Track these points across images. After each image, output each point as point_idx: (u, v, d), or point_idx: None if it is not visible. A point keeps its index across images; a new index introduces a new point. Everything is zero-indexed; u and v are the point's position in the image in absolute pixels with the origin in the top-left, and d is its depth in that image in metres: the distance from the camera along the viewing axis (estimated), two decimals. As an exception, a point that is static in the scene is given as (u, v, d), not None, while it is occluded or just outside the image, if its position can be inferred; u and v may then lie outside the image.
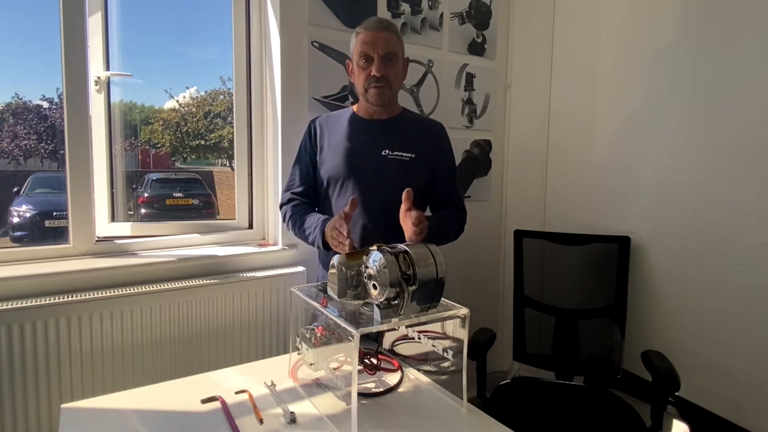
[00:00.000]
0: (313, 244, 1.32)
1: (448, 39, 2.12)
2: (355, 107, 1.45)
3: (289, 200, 1.44)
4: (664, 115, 1.69)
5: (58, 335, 1.35)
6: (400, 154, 1.37)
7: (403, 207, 1.14)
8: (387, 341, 1.20)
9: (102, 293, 1.41)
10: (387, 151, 1.36)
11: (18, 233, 3.58)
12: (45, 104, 4.11)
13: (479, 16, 2.22)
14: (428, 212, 1.47)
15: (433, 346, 1.04)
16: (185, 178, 4.64)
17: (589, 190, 1.98)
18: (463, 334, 0.96)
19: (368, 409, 0.97)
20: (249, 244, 1.83)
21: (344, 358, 1.10)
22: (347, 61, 1.41)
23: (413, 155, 1.37)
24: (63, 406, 0.96)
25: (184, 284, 1.53)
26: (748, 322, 1.48)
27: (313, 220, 1.32)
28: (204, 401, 0.98)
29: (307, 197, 1.45)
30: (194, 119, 4.68)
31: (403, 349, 1.18)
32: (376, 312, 0.89)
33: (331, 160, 1.39)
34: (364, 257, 0.92)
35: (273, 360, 1.20)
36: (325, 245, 1.26)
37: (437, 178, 1.43)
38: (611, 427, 1.46)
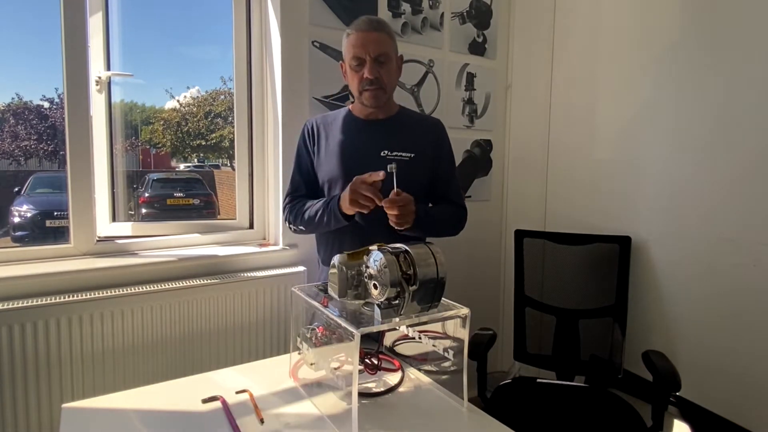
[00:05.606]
0: (322, 220, 1.28)
1: (448, 39, 2.12)
2: (351, 106, 1.42)
3: (290, 202, 1.41)
4: (666, 114, 1.69)
5: (58, 335, 1.35)
6: (399, 154, 1.34)
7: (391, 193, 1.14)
8: (387, 341, 1.20)
9: (102, 293, 1.42)
10: (386, 152, 1.33)
11: (19, 233, 3.58)
12: (45, 104, 4.11)
13: (480, 16, 2.21)
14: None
15: (433, 346, 1.03)
16: (186, 178, 4.64)
17: (589, 190, 1.98)
18: (464, 334, 0.95)
19: (369, 409, 0.97)
20: (249, 244, 1.83)
21: (345, 357, 1.10)
22: (341, 62, 1.36)
23: (413, 155, 1.34)
24: (63, 406, 0.96)
25: (185, 284, 1.53)
26: (749, 322, 1.48)
27: (319, 201, 1.30)
28: (205, 401, 0.98)
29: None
30: (195, 119, 4.69)
31: (404, 348, 1.18)
32: (377, 312, 0.89)
33: (328, 164, 1.36)
34: (365, 257, 0.92)
35: (273, 360, 1.20)
36: (344, 215, 1.23)
37: (438, 177, 1.41)
38: (612, 427, 1.46)
